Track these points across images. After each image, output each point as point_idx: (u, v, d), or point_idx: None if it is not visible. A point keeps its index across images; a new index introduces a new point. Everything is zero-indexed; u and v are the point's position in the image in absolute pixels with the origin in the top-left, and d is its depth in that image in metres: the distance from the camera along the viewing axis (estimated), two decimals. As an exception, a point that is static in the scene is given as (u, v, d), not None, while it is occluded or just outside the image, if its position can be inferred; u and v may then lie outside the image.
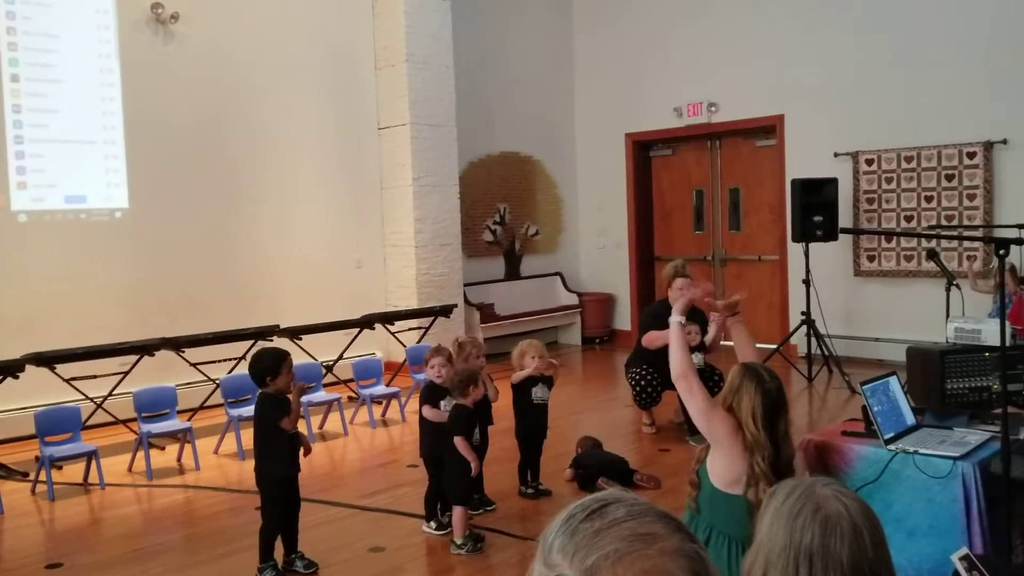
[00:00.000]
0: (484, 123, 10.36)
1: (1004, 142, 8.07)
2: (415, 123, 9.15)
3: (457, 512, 4.50)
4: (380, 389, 7.52)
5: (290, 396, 4.21)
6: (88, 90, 7.47)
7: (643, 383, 6.42)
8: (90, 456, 5.79)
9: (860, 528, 1.44)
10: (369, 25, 9.35)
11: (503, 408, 5.32)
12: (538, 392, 5.25)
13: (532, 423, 5.29)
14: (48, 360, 6.33)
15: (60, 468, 6.01)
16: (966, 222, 8.31)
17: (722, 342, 6.08)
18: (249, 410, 5.33)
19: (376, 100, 9.39)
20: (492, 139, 10.57)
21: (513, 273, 10.85)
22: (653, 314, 6.46)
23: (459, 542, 4.46)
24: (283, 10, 8.65)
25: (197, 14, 7.98)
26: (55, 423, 5.86)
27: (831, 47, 9.07)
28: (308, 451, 4.41)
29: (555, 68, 11.29)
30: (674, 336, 3.24)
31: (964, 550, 2.76)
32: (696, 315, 6.49)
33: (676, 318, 3.29)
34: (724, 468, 2.93)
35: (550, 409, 5.40)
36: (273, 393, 4.22)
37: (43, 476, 5.64)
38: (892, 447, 3.45)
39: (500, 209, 10.73)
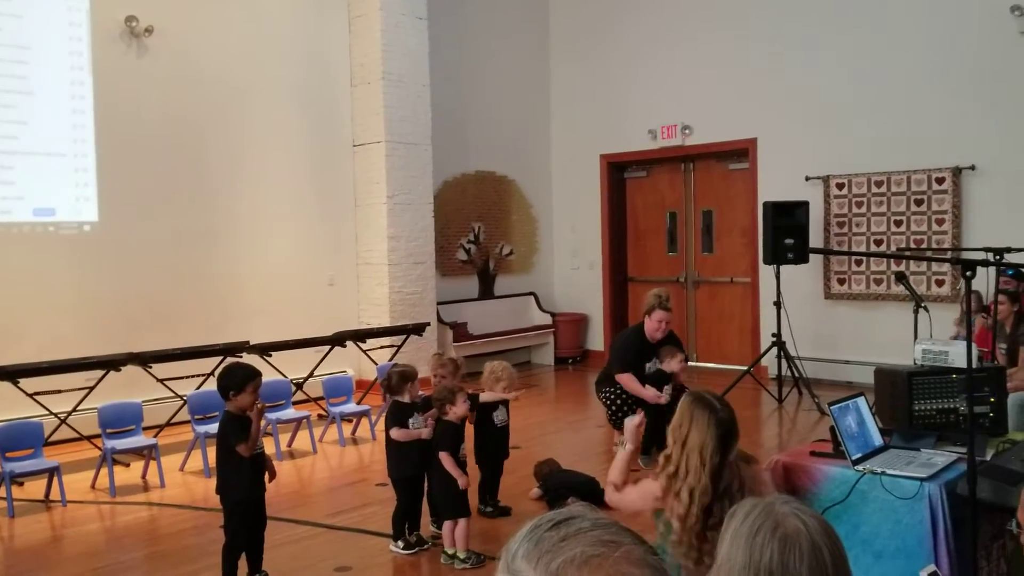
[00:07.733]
0: (460, 142, 10.37)
1: (972, 168, 8.19)
2: (390, 141, 9.14)
3: (459, 526, 4.46)
4: (350, 407, 7.46)
5: (251, 415, 4.11)
6: (59, 102, 7.40)
7: (619, 402, 6.43)
8: (52, 472, 5.69)
9: (819, 546, 1.43)
10: (346, 42, 9.35)
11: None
12: (499, 415, 5.26)
13: (494, 445, 5.29)
14: (11, 374, 6.22)
15: (21, 484, 5.91)
16: (935, 246, 8.40)
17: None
18: (216, 427, 5.26)
19: (351, 117, 9.37)
20: (467, 158, 10.57)
21: (487, 292, 10.84)
22: (627, 348, 6.49)
23: (462, 556, 4.43)
24: (259, 25, 8.63)
25: (171, 28, 7.94)
26: (17, 438, 5.76)
27: (803, 73, 9.18)
28: (273, 475, 4.29)
29: (531, 89, 11.33)
30: (617, 461, 3.43)
31: (932, 567, 2.77)
32: (675, 341, 6.52)
33: (629, 447, 3.41)
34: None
35: (516, 431, 5.39)
36: (236, 412, 4.12)
37: (3, 492, 5.52)
38: (860, 468, 3.45)
39: (475, 228, 10.73)
